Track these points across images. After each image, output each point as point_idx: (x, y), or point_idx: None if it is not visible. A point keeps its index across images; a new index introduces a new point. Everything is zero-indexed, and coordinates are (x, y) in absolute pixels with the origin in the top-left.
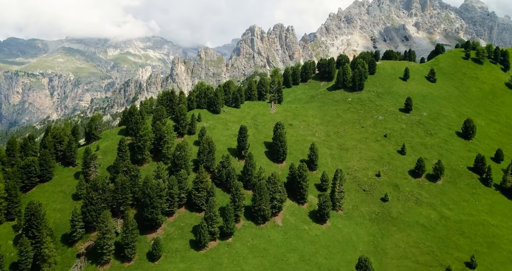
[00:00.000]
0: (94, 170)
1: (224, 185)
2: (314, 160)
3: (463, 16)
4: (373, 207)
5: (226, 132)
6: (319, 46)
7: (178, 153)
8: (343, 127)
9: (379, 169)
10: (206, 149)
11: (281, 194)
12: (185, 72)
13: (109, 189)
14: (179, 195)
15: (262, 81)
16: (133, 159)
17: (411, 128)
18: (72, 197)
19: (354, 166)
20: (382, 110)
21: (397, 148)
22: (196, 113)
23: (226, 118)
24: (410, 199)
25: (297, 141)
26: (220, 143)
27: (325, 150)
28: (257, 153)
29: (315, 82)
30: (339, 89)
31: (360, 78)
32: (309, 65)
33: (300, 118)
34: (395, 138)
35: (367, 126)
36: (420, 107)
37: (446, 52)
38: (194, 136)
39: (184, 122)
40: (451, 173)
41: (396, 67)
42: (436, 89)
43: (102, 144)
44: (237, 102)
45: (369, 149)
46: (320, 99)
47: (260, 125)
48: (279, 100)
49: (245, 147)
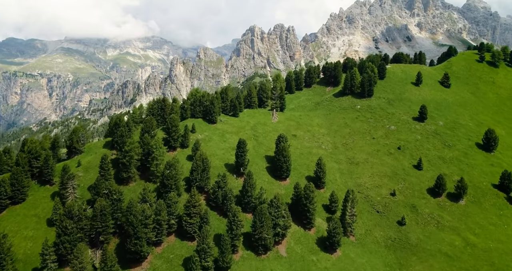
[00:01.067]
0: (72, 191)
1: (220, 208)
2: (322, 176)
3: (466, 16)
4: (388, 231)
5: (223, 145)
6: (320, 47)
7: (167, 172)
8: (352, 138)
9: (393, 187)
10: (199, 167)
11: (285, 219)
12: (184, 73)
13: (87, 216)
14: (168, 221)
15: (263, 87)
16: (117, 177)
17: (427, 140)
18: (47, 222)
19: (366, 183)
20: (394, 119)
21: (413, 162)
22: (190, 124)
23: (223, 129)
24: (431, 222)
25: (302, 154)
26: (216, 158)
27: (332, 164)
28: (257, 169)
29: (320, 88)
30: (347, 95)
31: (370, 83)
32: (313, 69)
33: (305, 128)
34: (410, 150)
35: (379, 137)
36: (435, 116)
37: (458, 55)
38: (187, 149)
39: (176, 134)
40: (474, 191)
41: (407, 71)
42: (451, 95)
43: (85, 159)
44: (235, 110)
45: (381, 163)
46: (326, 107)
47: (260, 136)
48: (281, 107)
49: (244, 163)
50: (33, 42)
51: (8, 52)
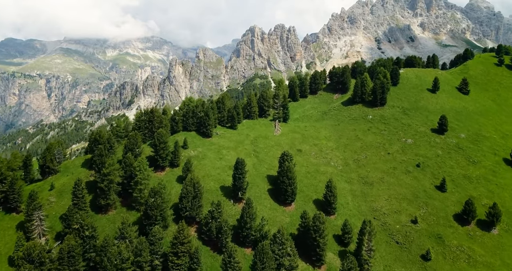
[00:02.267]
0: (39, 223)
1: (214, 243)
2: (332, 201)
3: (469, 16)
4: (411, 268)
5: (218, 163)
6: (322, 48)
7: (151, 201)
8: (364, 154)
9: (414, 213)
10: (190, 193)
11: (291, 258)
12: (183, 75)
13: (51, 259)
14: (150, 262)
15: (264, 95)
16: (95, 204)
17: (448, 155)
18: (8, 261)
19: (382, 207)
20: (411, 131)
21: (435, 182)
22: (182, 138)
23: (220, 144)
24: (460, 257)
25: (309, 172)
26: (210, 179)
27: (343, 184)
28: (258, 192)
29: (327, 95)
30: (357, 103)
31: (383, 90)
32: (319, 74)
33: (311, 141)
34: (431, 168)
35: (394, 153)
36: (456, 127)
37: (475, 58)
38: (177, 169)
39: (164, 152)
40: (508, 218)
41: (421, 77)
42: (470, 103)
43: (60, 180)
44: (233, 121)
45: (399, 184)
46: (334, 117)
47: (261, 152)
48: (284, 118)
49: (243, 186)
50: (32, 43)
51: (7, 52)
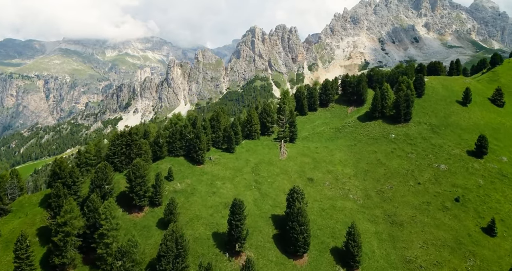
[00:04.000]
0: None
1: None
2: (356, 254)
3: (474, 16)
4: None
5: (211, 200)
6: (324, 48)
7: (118, 264)
8: (389, 183)
9: (459, 266)
10: (171, 250)
11: None
12: (181, 76)
13: None
14: None
15: (267, 109)
16: (47, 262)
17: (492, 186)
18: None
19: (418, 258)
20: (443, 154)
21: (481, 224)
22: (166, 167)
23: (213, 173)
24: None
25: (323, 210)
26: (200, 223)
27: (366, 224)
28: (260, 240)
29: (340, 107)
30: (376, 119)
31: (407, 104)
32: (330, 84)
33: (324, 167)
34: (473, 203)
35: (426, 182)
36: (495, 148)
37: (504, 63)
38: (159, 208)
39: (142, 188)
40: None
41: (448, 86)
42: (507, 117)
43: (10, 224)
44: (230, 143)
45: (436, 224)
46: (349, 135)
47: (265, 183)
48: (291, 137)
49: (241, 236)
50: (31, 43)
51: (5, 53)
